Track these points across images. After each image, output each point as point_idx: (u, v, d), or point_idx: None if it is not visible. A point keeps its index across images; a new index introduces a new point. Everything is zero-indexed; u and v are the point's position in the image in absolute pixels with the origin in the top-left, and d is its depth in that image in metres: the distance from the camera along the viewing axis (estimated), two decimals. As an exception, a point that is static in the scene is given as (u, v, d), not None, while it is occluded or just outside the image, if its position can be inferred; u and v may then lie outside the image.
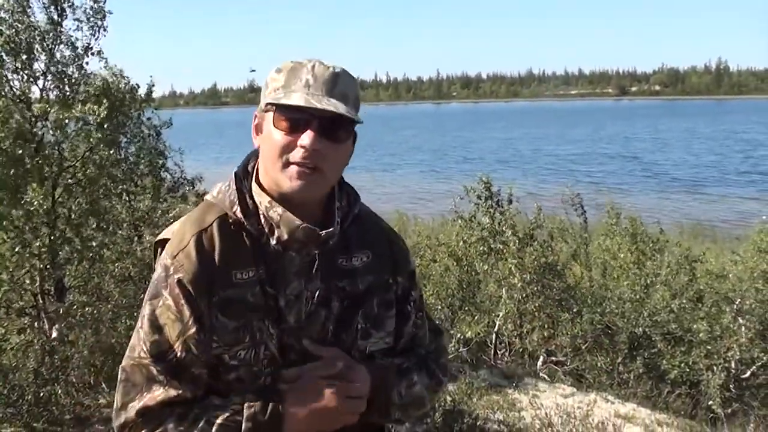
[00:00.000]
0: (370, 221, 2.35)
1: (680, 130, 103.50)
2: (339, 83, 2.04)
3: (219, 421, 1.94)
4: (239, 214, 2.10)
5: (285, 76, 2.06)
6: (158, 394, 1.98)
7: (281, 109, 2.01)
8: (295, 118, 1.99)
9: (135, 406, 1.99)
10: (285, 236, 2.07)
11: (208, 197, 2.23)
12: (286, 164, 2.01)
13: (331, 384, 1.98)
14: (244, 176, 2.19)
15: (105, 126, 8.99)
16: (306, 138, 1.97)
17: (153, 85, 11.09)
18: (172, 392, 1.98)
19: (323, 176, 2.03)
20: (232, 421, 1.93)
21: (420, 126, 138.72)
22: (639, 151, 70.54)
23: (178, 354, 2.00)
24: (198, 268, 2.03)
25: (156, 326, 2.03)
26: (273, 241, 2.08)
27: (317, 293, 2.11)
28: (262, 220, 2.10)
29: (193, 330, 2.00)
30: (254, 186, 2.15)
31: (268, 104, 2.05)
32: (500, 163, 60.52)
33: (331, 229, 2.11)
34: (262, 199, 2.10)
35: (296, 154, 1.99)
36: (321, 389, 1.98)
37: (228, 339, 2.02)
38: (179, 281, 2.02)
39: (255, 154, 2.21)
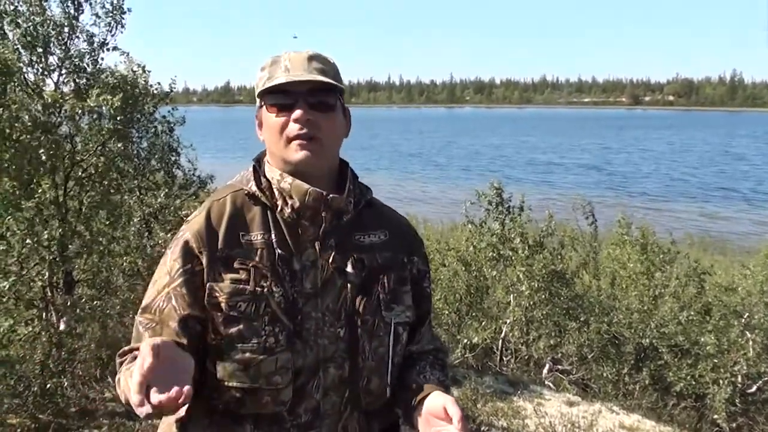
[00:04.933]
0: (384, 207, 2.50)
1: (667, 141, 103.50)
2: (314, 62, 2.22)
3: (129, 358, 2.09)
4: (254, 188, 2.24)
5: (268, 71, 2.25)
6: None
7: (269, 96, 2.22)
8: (282, 100, 2.19)
9: None
10: (297, 204, 2.19)
11: (228, 182, 2.38)
12: (287, 141, 2.19)
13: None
14: (259, 164, 2.34)
15: (118, 118, 9.02)
16: (297, 112, 2.16)
17: (174, 84, 11.13)
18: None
19: (322, 144, 2.20)
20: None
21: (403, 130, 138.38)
22: (615, 163, 70.12)
23: (160, 304, 2.15)
24: (204, 226, 2.18)
25: (153, 282, 2.22)
26: (287, 210, 2.20)
27: (331, 260, 2.20)
28: (276, 194, 2.23)
29: (177, 282, 2.14)
30: (266, 165, 2.31)
31: (258, 97, 2.27)
32: (463, 171, 60.99)
33: (339, 195, 2.23)
34: (273, 174, 2.25)
35: (293, 129, 2.17)
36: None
37: (228, 289, 2.11)
38: (185, 240, 2.18)
39: (265, 152, 2.37)
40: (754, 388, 11.50)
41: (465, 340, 12.37)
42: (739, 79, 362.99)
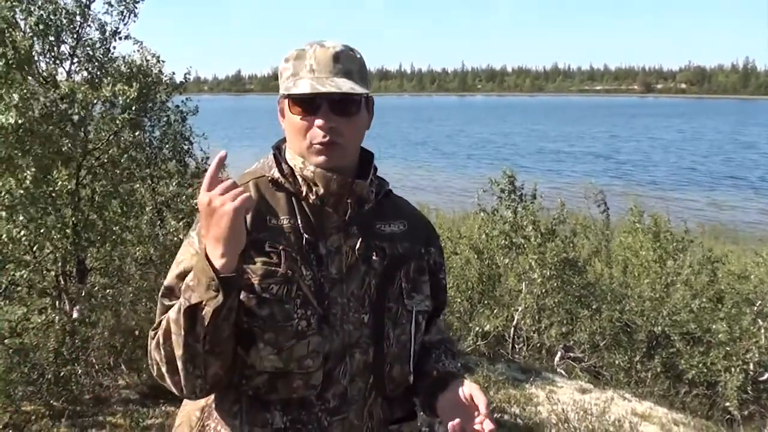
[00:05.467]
0: (401, 199, 2.51)
1: (678, 129, 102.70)
2: (340, 61, 2.18)
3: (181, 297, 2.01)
4: (276, 174, 2.24)
5: (292, 65, 2.21)
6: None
7: (293, 97, 2.17)
8: (306, 103, 2.15)
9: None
10: (321, 190, 2.19)
11: (247, 170, 2.37)
12: (309, 144, 2.17)
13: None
14: (279, 150, 2.34)
15: (133, 108, 9.03)
16: (319, 120, 2.13)
17: (189, 75, 11.13)
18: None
19: (343, 148, 2.18)
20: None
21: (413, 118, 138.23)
22: (624, 152, 69.55)
23: None
24: None
25: (177, 262, 2.20)
26: (312, 196, 2.21)
27: (357, 247, 2.20)
28: (300, 180, 2.23)
29: None
30: (287, 152, 2.30)
31: (282, 93, 2.22)
32: (471, 159, 61.11)
33: (363, 181, 2.25)
34: (296, 162, 2.24)
35: (315, 135, 2.15)
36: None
37: (260, 271, 2.10)
38: None
39: (284, 139, 2.35)
40: (766, 375, 11.50)
41: (477, 328, 12.39)
42: (751, 66, 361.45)
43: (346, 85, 2.12)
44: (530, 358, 12.62)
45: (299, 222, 2.18)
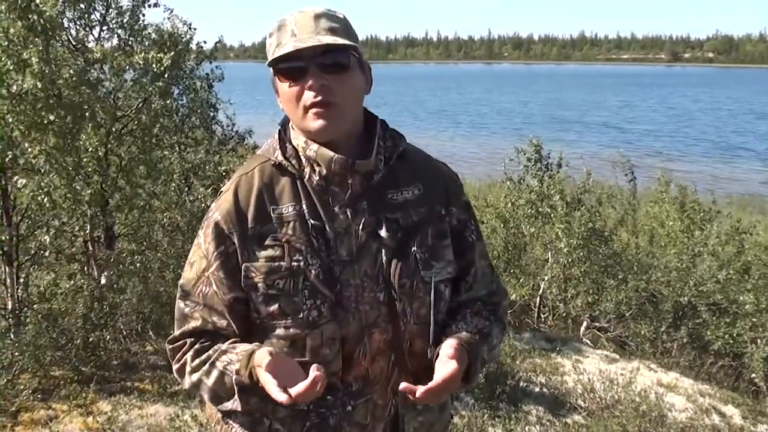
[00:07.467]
0: (419, 156, 2.39)
1: (695, 99, 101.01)
2: (321, 22, 2.11)
3: (219, 366, 2.10)
4: (279, 157, 2.19)
5: (276, 37, 2.14)
6: (185, 327, 2.22)
7: (279, 65, 2.11)
8: (293, 68, 2.09)
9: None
10: (324, 171, 2.14)
11: (257, 152, 2.35)
12: (305, 110, 2.10)
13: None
14: (284, 129, 2.28)
15: (166, 75, 9.05)
16: (309, 79, 2.06)
17: (220, 43, 11.16)
18: (192, 324, 2.20)
19: (340, 109, 2.11)
20: (228, 369, 2.06)
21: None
22: (639, 122, 68.17)
23: (202, 288, 2.18)
24: (233, 206, 2.15)
25: (189, 264, 2.23)
26: (315, 177, 2.15)
27: (361, 226, 2.15)
28: (303, 161, 2.18)
29: (214, 266, 2.16)
30: (291, 131, 2.24)
31: (270, 66, 2.16)
32: (484, 128, 60.90)
33: (365, 160, 2.16)
34: (299, 141, 2.19)
35: (308, 98, 2.08)
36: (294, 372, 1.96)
37: (264, 268, 2.11)
38: (215, 221, 2.16)
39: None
40: (793, 347, 11.44)
41: (502, 297, 12.38)
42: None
43: (327, 39, 2.05)
44: (556, 327, 12.61)
45: (304, 207, 2.14)
